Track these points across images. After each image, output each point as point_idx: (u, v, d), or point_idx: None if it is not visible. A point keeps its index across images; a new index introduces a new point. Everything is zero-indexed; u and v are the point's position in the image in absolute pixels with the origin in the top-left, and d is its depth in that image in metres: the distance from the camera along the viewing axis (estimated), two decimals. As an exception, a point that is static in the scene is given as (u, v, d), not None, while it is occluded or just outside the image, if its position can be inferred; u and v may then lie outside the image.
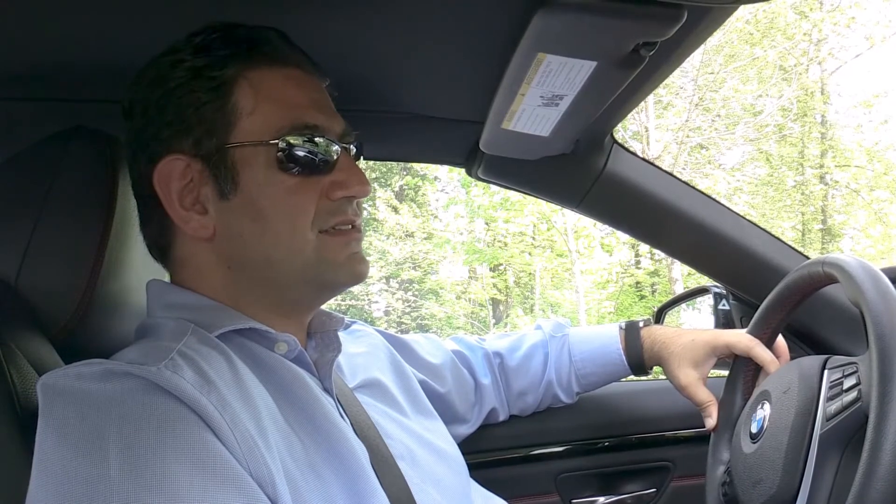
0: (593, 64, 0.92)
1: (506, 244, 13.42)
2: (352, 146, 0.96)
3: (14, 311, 0.92)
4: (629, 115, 1.26)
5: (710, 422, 1.19)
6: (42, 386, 0.74)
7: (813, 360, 1.00)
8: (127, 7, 0.87)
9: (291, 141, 0.88)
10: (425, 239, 14.44)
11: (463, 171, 1.48)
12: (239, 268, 0.90)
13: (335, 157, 0.91)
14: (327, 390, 0.93)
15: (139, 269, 1.02)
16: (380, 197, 13.88)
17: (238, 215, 0.88)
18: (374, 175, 15.13)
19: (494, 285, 14.38)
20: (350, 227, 0.93)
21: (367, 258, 0.97)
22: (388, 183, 15.14)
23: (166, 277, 0.96)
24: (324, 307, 1.02)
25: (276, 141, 0.87)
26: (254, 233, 0.88)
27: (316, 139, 0.89)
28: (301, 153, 0.88)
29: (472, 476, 1.10)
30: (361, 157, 1.00)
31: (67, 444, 0.69)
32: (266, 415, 0.80)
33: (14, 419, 0.82)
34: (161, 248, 0.94)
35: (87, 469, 0.67)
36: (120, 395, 0.71)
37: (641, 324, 1.36)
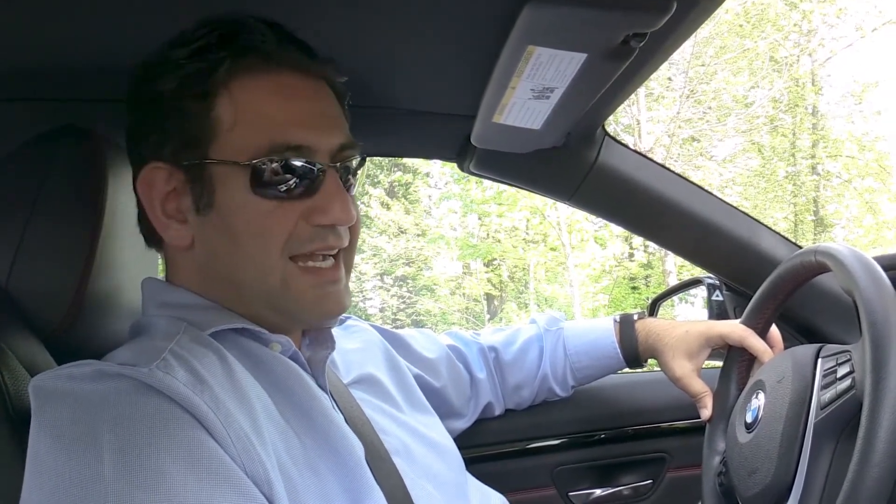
0: (583, 56, 0.91)
1: (499, 240, 13.44)
2: (353, 161, 0.91)
3: (5, 312, 0.92)
4: (621, 108, 1.26)
5: (706, 412, 1.19)
6: (34, 388, 0.74)
7: (806, 349, 1.00)
8: (118, 5, 0.86)
9: (268, 164, 0.82)
10: (418, 235, 14.45)
11: (455, 165, 1.48)
12: (214, 279, 0.89)
13: (319, 180, 0.86)
14: (321, 387, 0.92)
15: (131, 268, 1.01)
16: (370, 194, 13.87)
17: (213, 231, 0.86)
18: (365, 171, 15.09)
19: (489, 280, 14.41)
20: (330, 262, 0.88)
21: (347, 293, 0.91)
22: (378, 180, 15.13)
23: (157, 275, 0.96)
24: None
25: (252, 163, 0.82)
26: (226, 251, 0.86)
27: (297, 161, 0.84)
28: (278, 178, 0.83)
29: (469, 471, 1.10)
30: (360, 167, 0.95)
31: (60, 445, 0.68)
32: (261, 412, 0.79)
33: (7, 421, 0.82)
34: (154, 243, 0.93)
35: (81, 470, 0.66)
36: (113, 395, 0.71)
37: (636, 317, 1.36)
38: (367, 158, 1.05)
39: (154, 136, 0.87)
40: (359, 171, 0.94)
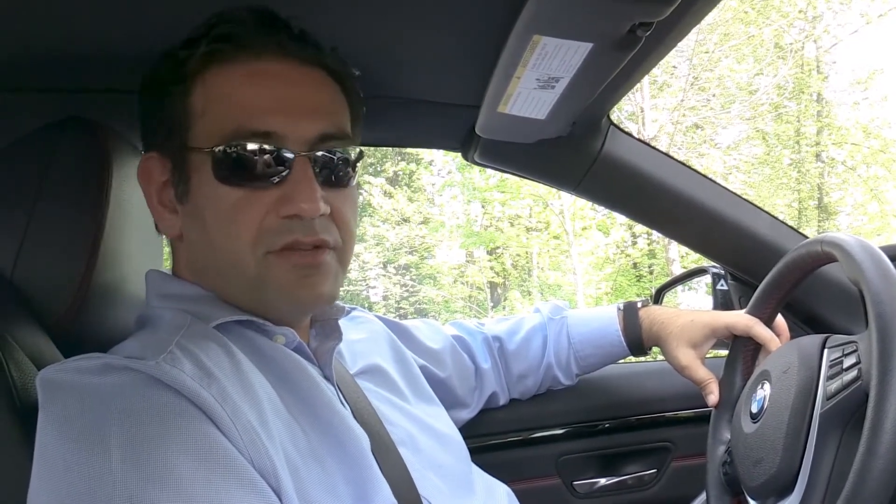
0: (589, 45, 0.91)
1: (502, 230, 13.43)
2: (338, 152, 0.87)
3: (10, 303, 0.92)
4: (625, 96, 1.26)
5: (712, 398, 1.18)
6: (41, 381, 0.74)
7: (812, 340, 0.99)
8: None
9: (230, 150, 0.81)
10: (421, 223, 14.45)
11: (459, 155, 1.47)
12: (201, 270, 0.89)
13: (287, 169, 0.82)
14: (328, 378, 0.93)
15: (136, 258, 1.01)
16: (371, 183, 13.85)
17: (190, 221, 0.87)
18: (368, 161, 15.10)
19: (492, 268, 14.40)
20: (310, 247, 0.84)
21: (328, 281, 0.86)
22: (383, 169, 15.11)
23: (162, 266, 0.96)
24: None
25: (214, 150, 0.81)
26: (202, 242, 0.87)
27: (257, 147, 0.81)
28: (241, 164, 0.81)
29: (473, 460, 1.10)
30: (358, 161, 0.91)
31: (68, 438, 0.68)
32: (267, 405, 0.79)
33: (13, 413, 0.82)
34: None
35: (89, 463, 0.66)
36: (120, 388, 0.71)
37: (640, 304, 1.36)
38: (371, 148, 1.05)
39: (149, 126, 0.90)
40: (356, 165, 0.91)
